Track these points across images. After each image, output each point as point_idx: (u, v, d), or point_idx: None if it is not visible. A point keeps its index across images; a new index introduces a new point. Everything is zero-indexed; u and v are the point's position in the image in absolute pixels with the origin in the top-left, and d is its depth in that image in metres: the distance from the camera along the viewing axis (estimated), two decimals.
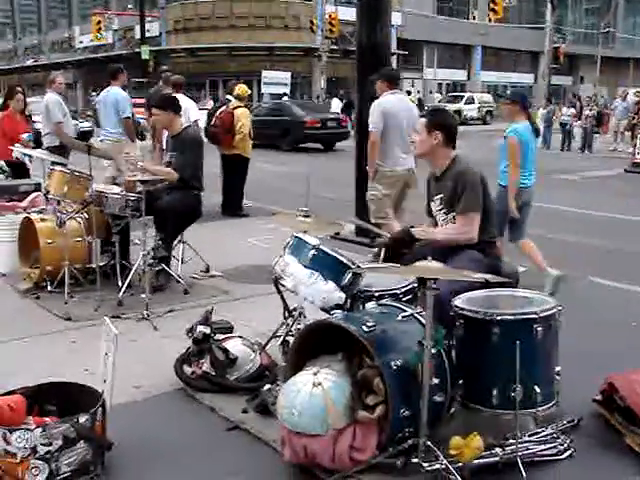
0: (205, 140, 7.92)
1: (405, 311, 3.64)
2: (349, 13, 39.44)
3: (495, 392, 3.51)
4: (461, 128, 5.24)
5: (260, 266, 7.00)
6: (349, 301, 4.02)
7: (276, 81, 33.56)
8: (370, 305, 3.80)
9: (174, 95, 8.05)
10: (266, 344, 4.66)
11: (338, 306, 3.94)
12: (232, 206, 10.59)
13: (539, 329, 3.51)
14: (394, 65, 39.02)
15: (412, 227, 4.59)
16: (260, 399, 4.00)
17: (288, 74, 34.37)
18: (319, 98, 37.59)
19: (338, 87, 40.85)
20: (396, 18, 38.22)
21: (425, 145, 4.54)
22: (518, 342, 3.35)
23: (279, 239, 7.89)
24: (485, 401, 3.56)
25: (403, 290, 4.10)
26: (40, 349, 5.09)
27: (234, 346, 4.38)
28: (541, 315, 3.54)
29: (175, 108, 6.80)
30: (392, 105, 7.57)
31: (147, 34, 36.60)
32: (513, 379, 3.40)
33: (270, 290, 4.89)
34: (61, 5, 60.43)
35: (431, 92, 46.03)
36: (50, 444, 3.21)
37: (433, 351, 3.30)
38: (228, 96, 10.98)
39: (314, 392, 3.34)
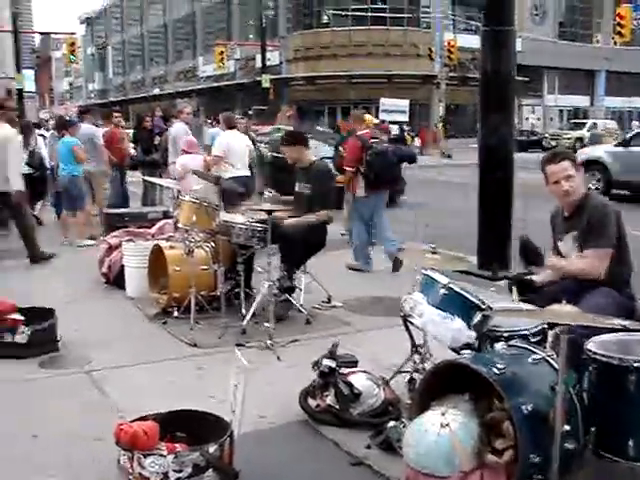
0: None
1: (536, 353, 3.53)
2: (467, 40, 39.42)
3: (631, 443, 3.33)
4: None
5: (380, 297, 6.98)
6: (477, 341, 3.96)
7: (394, 108, 33.42)
8: (499, 346, 3.71)
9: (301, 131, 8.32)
10: (390, 379, 4.64)
11: (467, 345, 3.89)
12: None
13: None
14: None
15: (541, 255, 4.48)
16: (384, 436, 3.97)
17: (406, 101, 34.28)
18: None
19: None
20: (516, 44, 37.65)
21: (581, 184, 4.41)
22: None
23: (401, 271, 7.93)
24: (620, 451, 3.38)
25: (533, 331, 3.98)
26: (167, 374, 5.23)
27: (358, 380, 4.37)
28: None
29: (304, 142, 7.05)
30: None
31: (268, 63, 37.58)
32: None
33: (391, 323, 4.88)
34: (187, 37, 63.15)
35: (552, 119, 44.93)
36: (181, 471, 3.29)
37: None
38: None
39: (442, 433, 3.29)
